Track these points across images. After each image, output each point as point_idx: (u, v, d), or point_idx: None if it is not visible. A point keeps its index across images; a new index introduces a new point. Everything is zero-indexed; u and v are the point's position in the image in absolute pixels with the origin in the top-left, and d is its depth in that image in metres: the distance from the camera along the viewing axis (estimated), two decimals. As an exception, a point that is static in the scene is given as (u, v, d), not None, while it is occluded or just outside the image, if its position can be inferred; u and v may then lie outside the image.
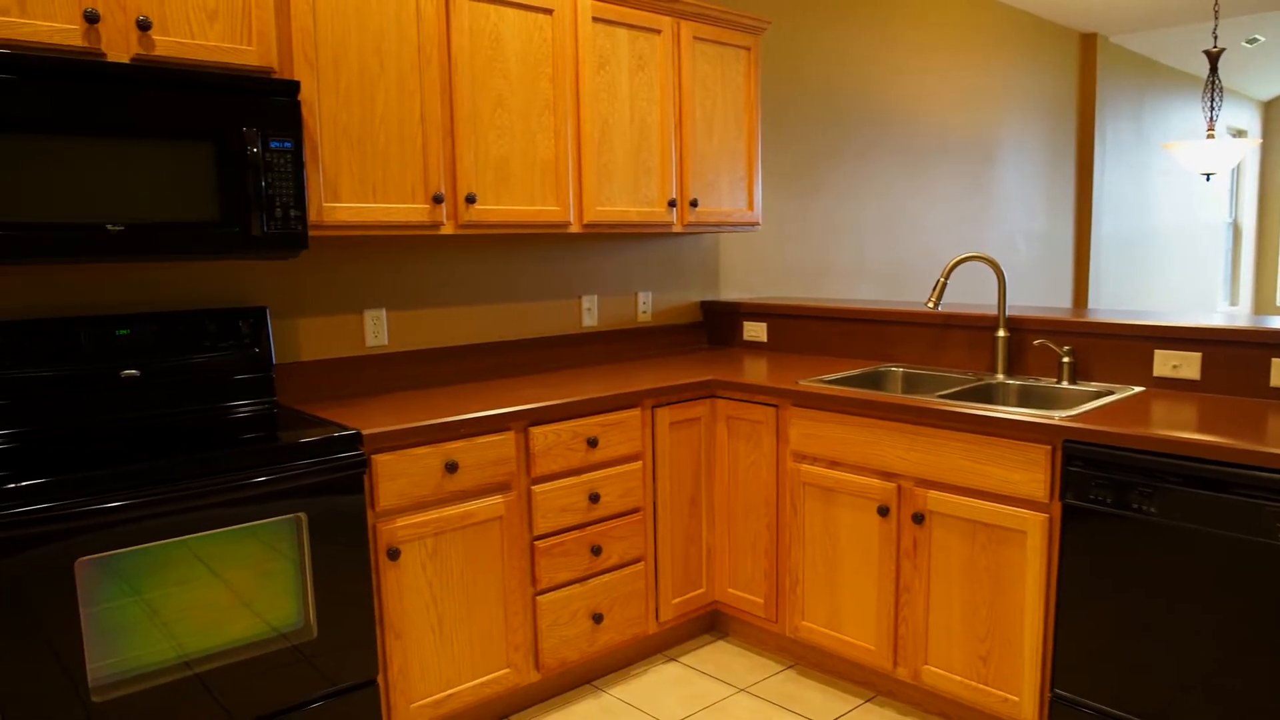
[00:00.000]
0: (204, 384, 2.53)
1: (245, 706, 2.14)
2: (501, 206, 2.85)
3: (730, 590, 3.12)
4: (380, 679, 2.39)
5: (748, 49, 3.55)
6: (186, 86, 2.16)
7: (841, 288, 4.71)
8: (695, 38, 3.35)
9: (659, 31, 3.24)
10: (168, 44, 2.19)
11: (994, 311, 3.08)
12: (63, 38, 2.06)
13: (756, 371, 3.17)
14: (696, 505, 3.09)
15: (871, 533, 2.68)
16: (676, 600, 3.06)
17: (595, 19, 3.05)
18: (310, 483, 2.19)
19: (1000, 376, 2.94)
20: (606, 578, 2.85)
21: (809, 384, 2.85)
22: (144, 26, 2.14)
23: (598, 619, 2.82)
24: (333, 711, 2.28)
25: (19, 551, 1.83)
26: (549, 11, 2.92)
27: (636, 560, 2.93)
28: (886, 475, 2.64)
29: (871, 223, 4.85)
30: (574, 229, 3.05)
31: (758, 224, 3.67)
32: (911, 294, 5.16)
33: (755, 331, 3.82)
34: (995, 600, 2.43)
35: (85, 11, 2.07)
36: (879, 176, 4.86)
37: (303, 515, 2.19)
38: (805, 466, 2.82)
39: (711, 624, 3.32)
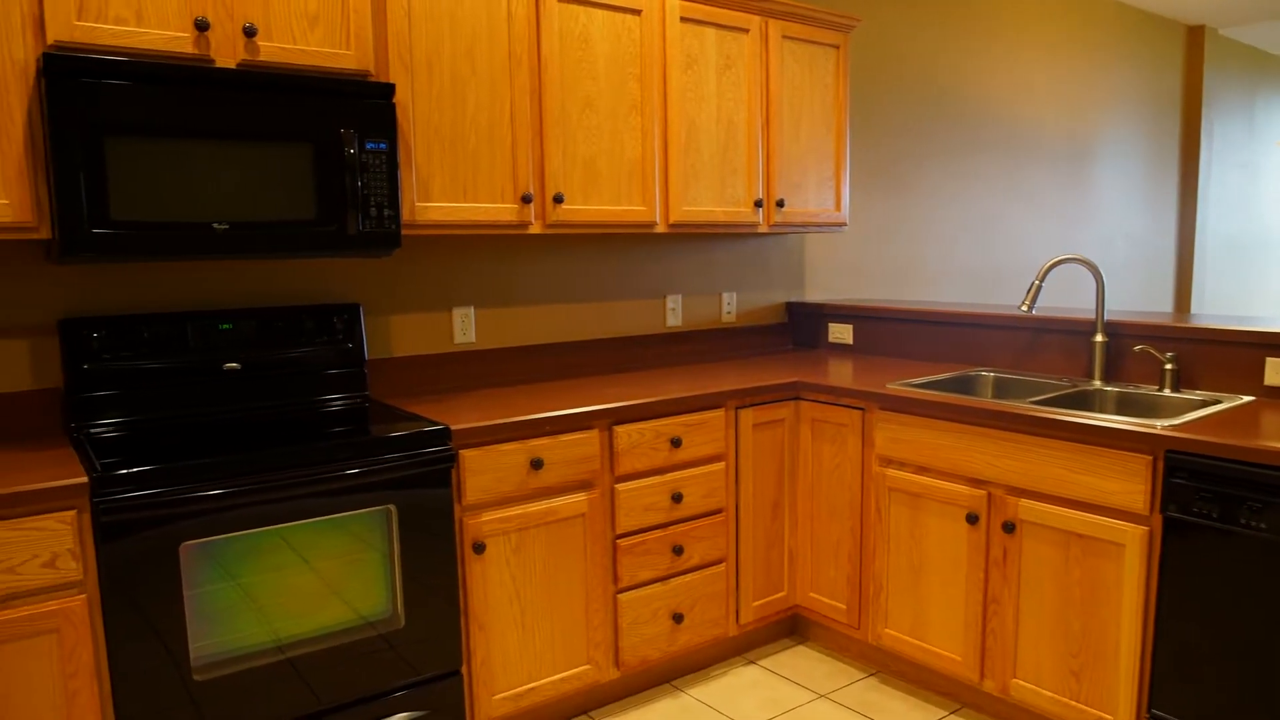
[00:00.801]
0: (300, 378, 2.62)
1: (334, 691, 2.21)
2: (588, 206, 2.87)
3: (812, 594, 3.09)
4: (464, 670, 2.44)
5: (837, 47, 3.50)
6: (288, 90, 2.23)
7: (929, 290, 4.61)
8: (784, 36, 3.32)
9: (747, 31, 3.22)
10: (271, 49, 2.27)
11: (1091, 315, 2.98)
12: (176, 45, 2.15)
13: (842, 374, 3.13)
14: (779, 508, 3.07)
15: (959, 541, 2.62)
16: (757, 603, 3.04)
17: (683, 19, 3.05)
18: (401, 476, 2.24)
19: (1097, 383, 2.84)
20: (687, 578, 2.85)
21: (896, 387, 2.80)
22: (250, 33, 2.23)
23: (678, 619, 2.82)
24: (417, 700, 2.33)
25: (129, 534, 1.92)
26: (637, 12, 2.94)
27: (718, 561, 2.92)
28: (976, 482, 2.57)
29: (961, 223, 4.74)
30: (659, 229, 3.06)
31: (845, 224, 3.62)
32: (1001, 297, 5.02)
33: (841, 333, 3.76)
34: (1089, 614, 2.35)
35: (196, 20, 2.16)
36: (970, 175, 4.75)
37: (392, 507, 2.25)
38: (891, 471, 2.77)
39: (792, 628, 3.29)
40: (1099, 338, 2.86)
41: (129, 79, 2.04)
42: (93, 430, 2.32)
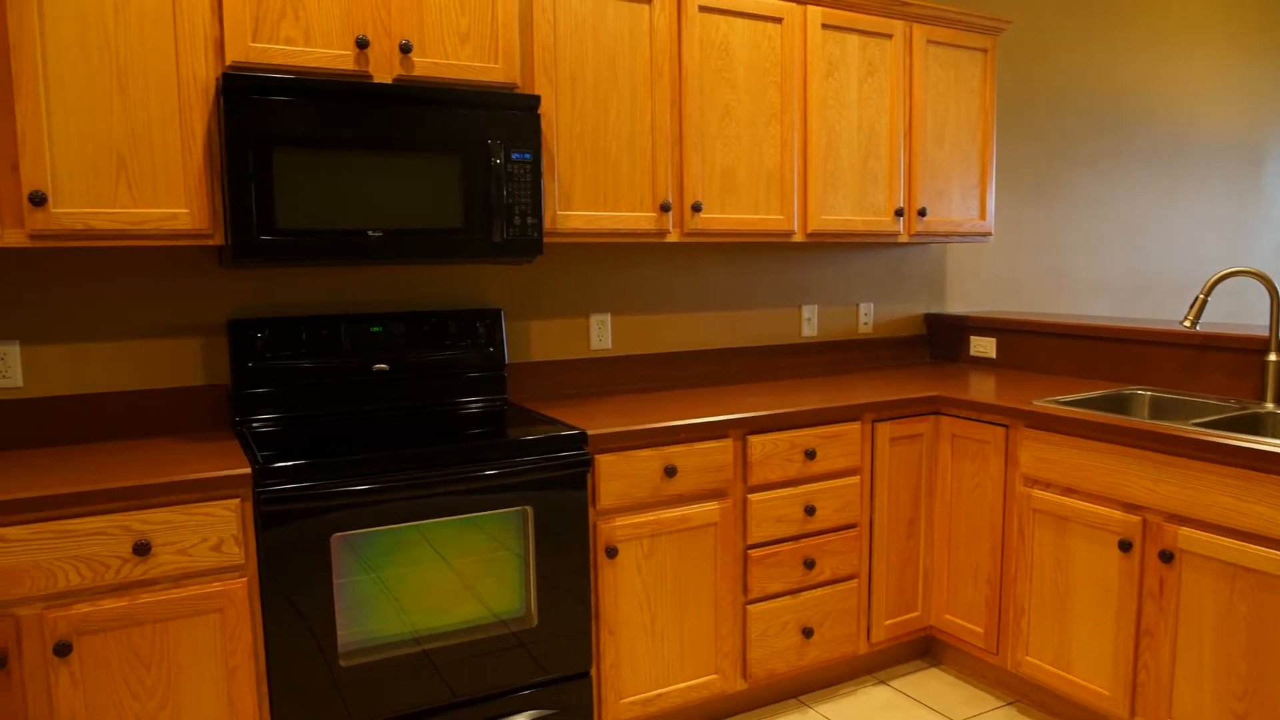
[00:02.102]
0: (443, 380, 2.72)
1: (466, 685, 2.27)
2: (726, 215, 2.87)
3: (947, 616, 2.98)
4: (593, 672, 2.47)
5: (984, 51, 3.39)
6: (439, 103, 2.32)
7: (1077, 303, 4.39)
8: (928, 41, 3.24)
9: (890, 36, 3.15)
10: (425, 64, 2.37)
11: (1264, 332, 2.77)
12: (338, 63, 2.27)
13: (984, 389, 3.02)
14: (915, 525, 2.98)
15: (1110, 568, 2.48)
16: (889, 621, 2.96)
17: (825, 25, 3.01)
18: (538, 478, 2.29)
19: (1270, 405, 2.64)
20: (818, 592, 2.80)
21: (1044, 404, 2.68)
22: (405, 49, 2.33)
23: (807, 633, 2.78)
24: (546, 699, 2.38)
25: (286, 523, 2.04)
26: (778, 20, 2.92)
27: (850, 577, 2.86)
28: (1130, 507, 2.43)
29: (1114, 233, 4.50)
30: (797, 238, 3.03)
31: (990, 234, 3.49)
32: (1157, 311, 4.74)
33: (983, 347, 3.63)
34: (1257, 654, 2.18)
35: (357, 38, 2.27)
36: (1125, 183, 4.50)
37: (529, 509, 2.30)
38: (1036, 492, 2.65)
39: (925, 649, 3.18)
40: (1273, 357, 2.66)
41: (295, 95, 2.16)
42: (254, 424, 2.47)
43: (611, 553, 2.42)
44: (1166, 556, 2.33)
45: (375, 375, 2.63)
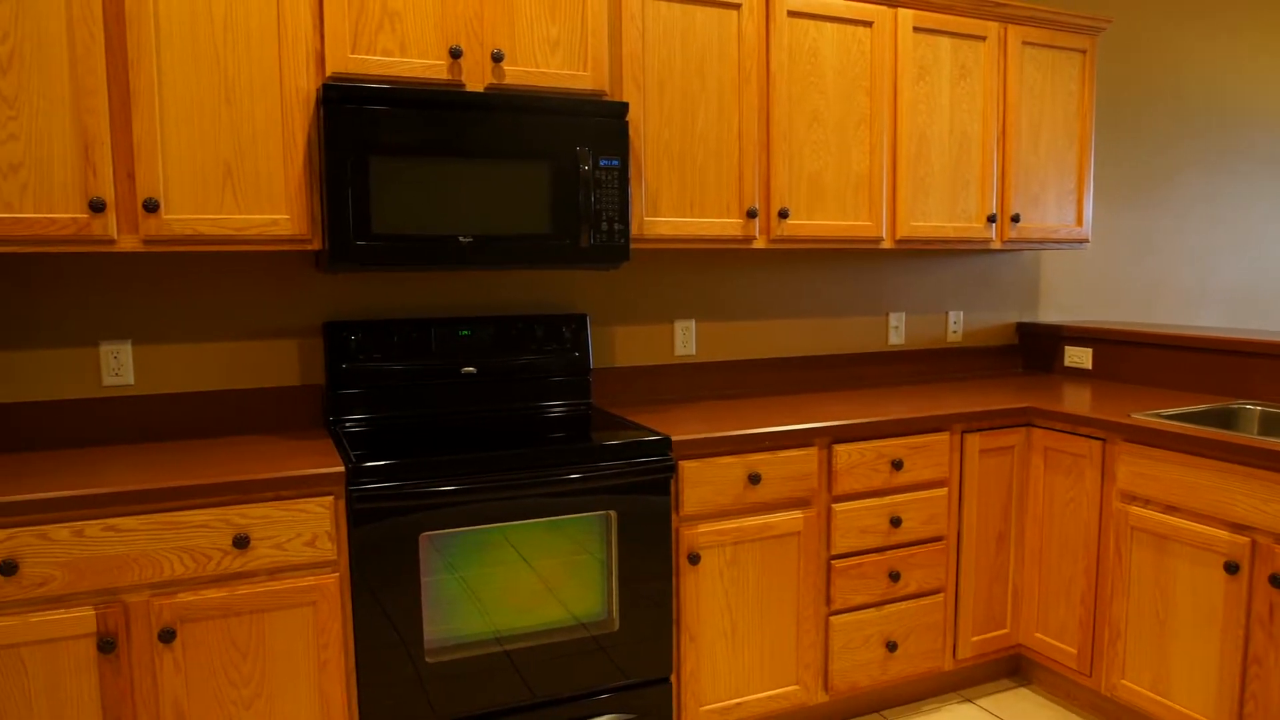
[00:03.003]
0: (529, 383, 2.76)
1: (546, 686, 2.29)
2: (813, 221, 2.84)
3: (1037, 635, 2.89)
4: (673, 678, 2.47)
5: (1083, 51, 3.29)
6: (528, 111, 2.36)
7: (1178, 313, 4.22)
8: (1024, 42, 3.16)
9: (984, 38, 3.08)
10: (516, 73, 2.41)
11: (1387, 347, 2.62)
12: (432, 72, 2.33)
13: (1079, 400, 2.92)
14: (1004, 540, 2.90)
15: (1215, 591, 2.37)
16: (976, 638, 2.88)
17: (916, 29, 2.96)
18: (623, 482, 2.31)
19: (1393, 423, 2.49)
20: (903, 605, 2.75)
21: (1144, 418, 2.58)
22: (497, 59, 2.37)
23: (891, 647, 2.73)
24: (626, 703, 2.38)
25: (377, 520, 2.09)
26: (868, 24, 2.88)
27: (936, 591, 2.80)
28: (1237, 527, 2.32)
29: (1221, 241, 4.30)
30: (886, 245, 2.98)
31: (1086, 241, 3.38)
32: (1264, 322, 4.51)
33: (1078, 357, 3.52)
34: (1379, 687, 2.06)
35: (451, 48, 2.32)
36: (1234, 190, 4.30)
37: (613, 513, 2.31)
38: (1135, 509, 2.55)
39: (1014, 668, 3.09)
40: (1396, 372, 2.51)
41: (391, 104, 2.22)
42: (347, 424, 2.55)
43: (694, 559, 2.42)
44: (1277, 580, 2.21)
45: (463, 378, 2.68)
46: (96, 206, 2.07)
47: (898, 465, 2.67)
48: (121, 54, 2.09)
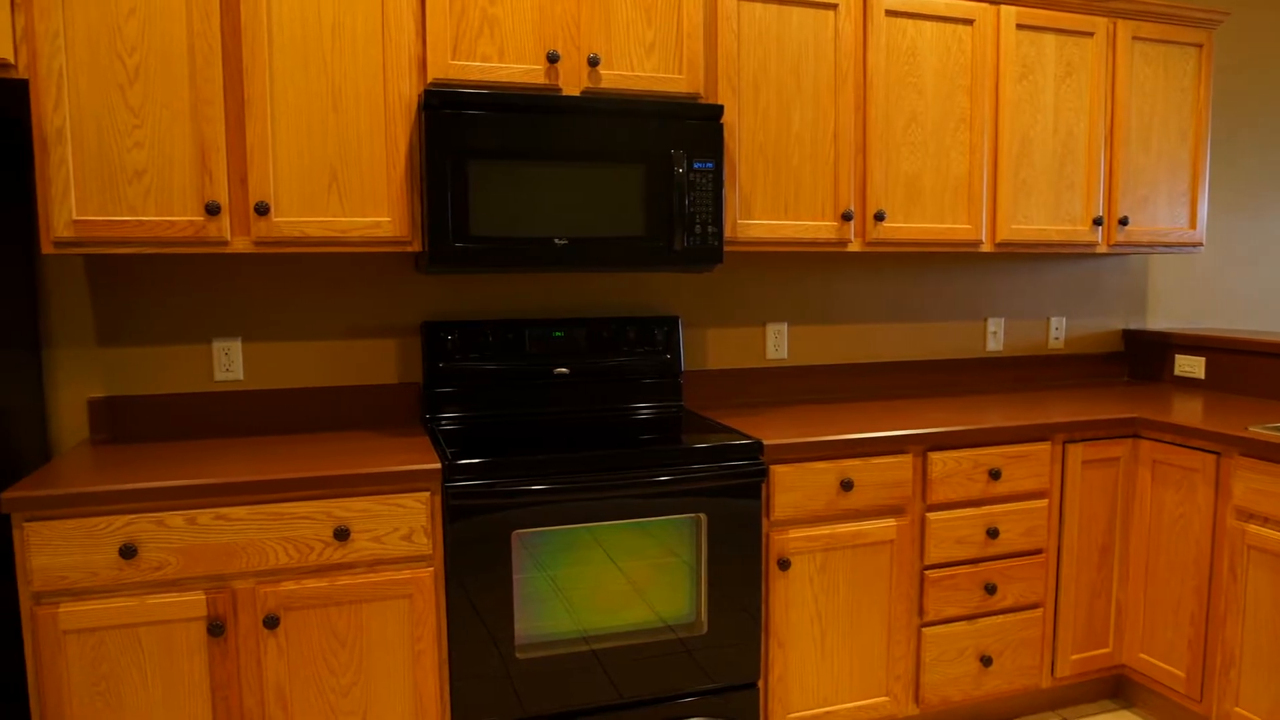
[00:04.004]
0: (621, 385, 2.77)
1: (633, 686, 2.30)
2: (910, 224, 2.79)
3: (1142, 656, 2.78)
4: (760, 683, 2.45)
5: (1198, 46, 3.14)
6: (624, 114, 2.37)
7: (1303, 320, 4.00)
8: (1134, 38, 3.04)
9: (1091, 35, 2.98)
10: (612, 77, 2.43)
11: None
12: (529, 77, 2.36)
13: (1190, 412, 2.79)
14: (1107, 555, 2.79)
15: (1341, 615, 2.24)
16: (1075, 656, 2.78)
17: (1019, 26, 2.88)
18: (713, 485, 2.30)
19: None
20: (999, 619, 2.67)
21: (1264, 431, 2.45)
22: (593, 63, 2.39)
23: (986, 661, 2.65)
24: (712, 707, 2.37)
25: (472, 517, 2.13)
26: (969, 22, 2.81)
27: (1034, 606, 2.71)
28: (1367, 549, 2.19)
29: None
30: (985, 248, 2.91)
31: (1200, 245, 3.23)
32: (1402, 332, 4.24)
33: (1189, 366, 3.36)
34: None
35: (548, 53, 2.36)
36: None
37: (703, 516, 2.31)
38: (1252, 527, 2.43)
39: (1115, 689, 2.97)
40: None
41: (490, 109, 2.26)
42: (443, 422, 2.60)
43: (784, 565, 2.40)
44: None
45: (556, 378, 2.72)
46: (212, 209, 2.16)
47: (995, 475, 2.60)
48: (237, 64, 2.18)
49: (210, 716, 2.02)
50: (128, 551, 1.92)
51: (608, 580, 2.27)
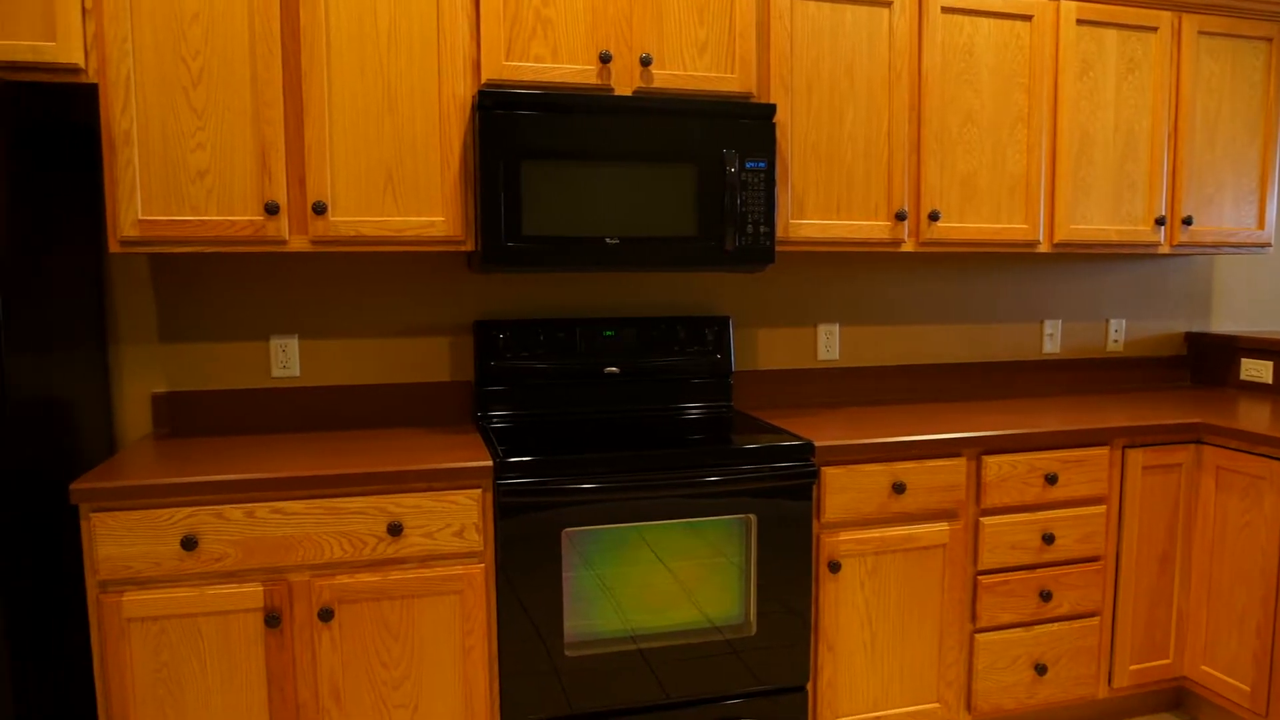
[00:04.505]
0: (671, 385, 2.77)
1: (680, 687, 2.30)
2: (965, 224, 2.75)
3: (1204, 668, 2.70)
4: (809, 686, 2.43)
5: (1269, 40, 3.05)
6: (675, 114, 2.37)
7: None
8: (1200, 32, 2.96)
9: (1155, 30, 2.90)
10: (664, 76, 2.43)
11: None
12: (581, 77, 2.37)
13: (1257, 418, 2.71)
14: (1168, 563, 2.72)
15: None
16: (1134, 666, 2.72)
17: (1080, 21, 2.82)
18: (763, 486, 2.29)
19: None
20: (1054, 627, 2.62)
21: (1334, 438, 2.37)
22: (645, 63, 2.40)
23: (1040, 670, 2.60)
24: (759, 709, 2.36)
25: (523, 515, 2.14)
26: (1028, 18, 2.76)
27: (1090, 614, 2.66)
28: None
29: None
30: (1042, 248, 2.85)
31: (1268, 245, 3.14)
32: None
33: (1256, 370, 3.26)
34: None
35: (600, 54, 2.36)
36: None
37: (752, 517, 2.30)
38: (1322, 536, 2.35)
39: (1176, 701, 2.90)
40: None
41: (543, 109, 2.28)
42: (494, 420, 2.63)
43: (834, 567, 2.38)
44: None
45: (606, 378, 2.72)
46: (271, 209, 2.20)
47: (1051, 479, 2.54)
48: (296, 67, 2.22)
49: (266, 706, 2.06)
50: (189, 543, 1.96)
51: (656, 580, 2.27)
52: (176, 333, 2.57)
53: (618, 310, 2.85)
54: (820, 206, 2.61)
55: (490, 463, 2.13)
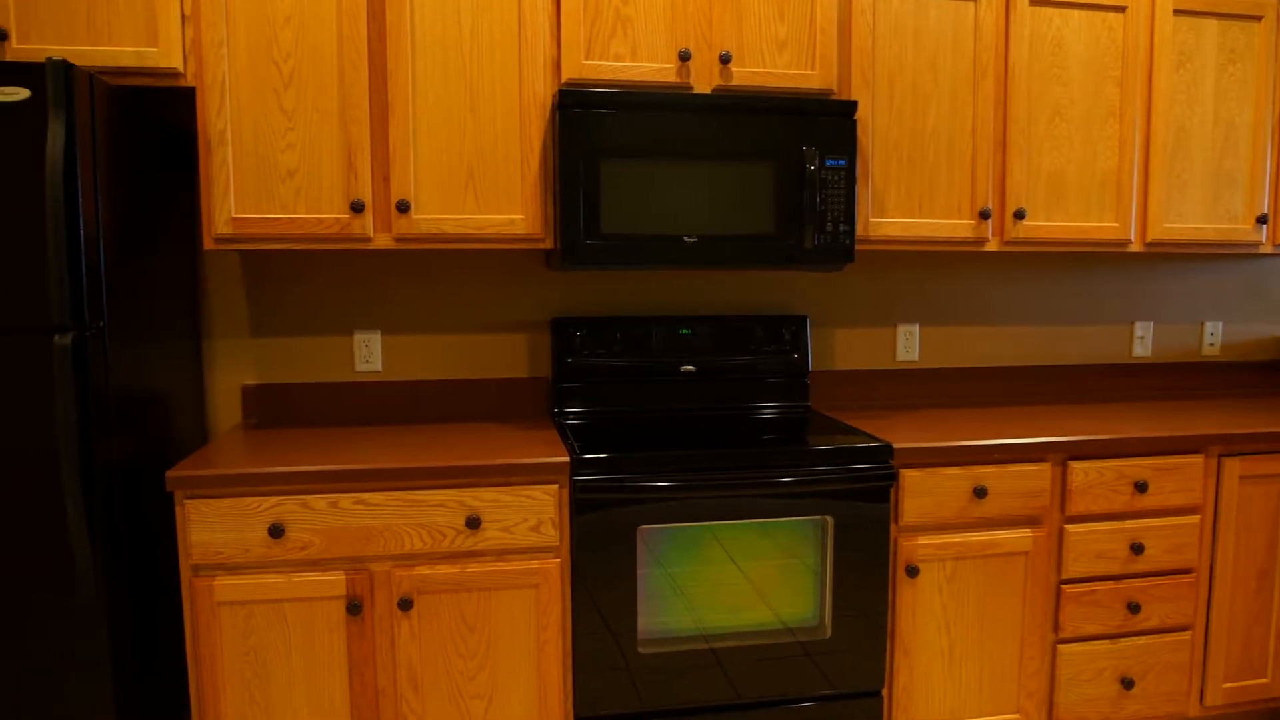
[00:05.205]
0: (747, 384, 2.76)
1: (751, 688, 2.28)
2: (1052, 223, 2.67)
3: (1305, 686, 2.58)
4: (884, 692, 2.39)
5: (1384, 31, 2.89)
6: (754, 111, 2.35)
7: None
8: (1309, 23, 2.82)
9: (1259, 18, 2.78)
10: (743, 74, 2.42)
11: None
12: (660, 75, 2.38)
13: (1367, 426, 2.58)
14: (1267, 578, 2.60)
15: None
16: (1229, 685, 2.61)
17: (1177, 11, 2.71)
18: (840, 488, 2.26)
19: None
20: (1142, 640, 2.53)
21: None
22: (725, 60, 2.39)
23: (1127, 684, 2.52)
24: (832, 713, 2.33)
25: (598, 511, 2.16)
26: (1121, 9, 2.67)
27: (1182, 628, 2.56)
28: None
29: None
30: (1134, 248, 2.75)
31: (1380, 245, 2.98)
32: None
33: (1364, 377, 3.10)
34: None
35: (680, 51, 2.36)
36: None
37: (829, 518, 2.27)
38: None
39: (1273, 721, 2.78)
40: None
41: (622, 108, 2.29)
42: (570, 416, 2.65)
43: (912, 572, 2.34)
44: None
45: (682, 376, 2.72)
46: (357, 207, 2.26)
47: (1141, 487, 2.46)
48: (382, 68, 2.28)
49: (347, 691, 2.12)
50: (276, 531, 2.03)
51: (729, 580, 2.26)
52: (265, 327, 2.65)
53: (694, 308, 2.85)
54: (901, 204, 2.56)
55: (567, 459, 2.15)
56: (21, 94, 1.84)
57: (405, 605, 2.09)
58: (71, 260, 1.88)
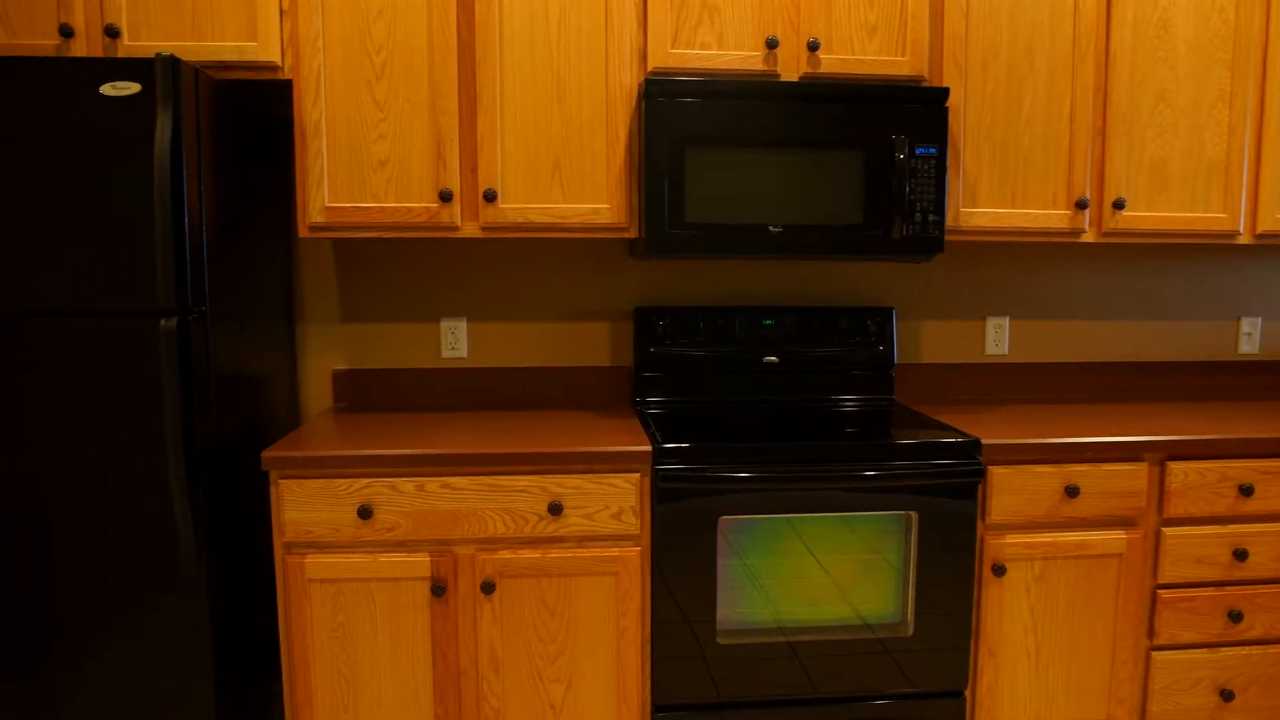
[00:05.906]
0: (831, 375, 2.73)
1: (829, 683, 2.26)
2: (1153, 213, 2.56)
3: None
4: (967, 692, 2.35)
5: None
6: (842, 99, 2.32)
7: None
8: None
9: (1386, -2, 2.61)
10: (831, 61, 2.38)
11: None
12: (747, 64, 2.36)
13: None
14: (1382, 588, 2.47)
15: None
16: (1338, 698, 2.48)
17: (1296, -9, 2.57)
18: (926, 484, 2.22)
19: None
20: (1244, 650, 2.42)
21: None
22: (813, 47, 2.35)
23: (1226, 696, 2.42)
24: (913, 712, 2.30)
25: (680, 500, 2.16)
26: (1234, -11, 2.54)
27: (1287, 638, 2.45)
28: None
29: None
30: (1243, 239, 2.63)
31: None
32: None
33: None
34: None
35: (767, 39, 2.34)
36: None
37: (913, 514, 2.23)
38: None
39: (1386, 740, 2.63)
40: None
41: (708, 97, 2.27)
42: (652, 405, 2.66)
43: (999, 571, 2.28)
44: None
45: (764, 367, 2.71)
46: (445, 197, 2.30)
47: (1246, 491, 2.35)
48: (470, 60, 2.31)
49: (430, 671, 2.17)
50: (364, 512, 2.08)
51: (809, 573, 2.24)
52: (355, 313, 2.72)
53: (777, 299, 2.82)
54: (993, 194, 2.49)
55: (649, 448, 2.16)
56: (132, 88, 1.92)
57: (488, 588, 2.13)
58: (177, 247, 1.96)
